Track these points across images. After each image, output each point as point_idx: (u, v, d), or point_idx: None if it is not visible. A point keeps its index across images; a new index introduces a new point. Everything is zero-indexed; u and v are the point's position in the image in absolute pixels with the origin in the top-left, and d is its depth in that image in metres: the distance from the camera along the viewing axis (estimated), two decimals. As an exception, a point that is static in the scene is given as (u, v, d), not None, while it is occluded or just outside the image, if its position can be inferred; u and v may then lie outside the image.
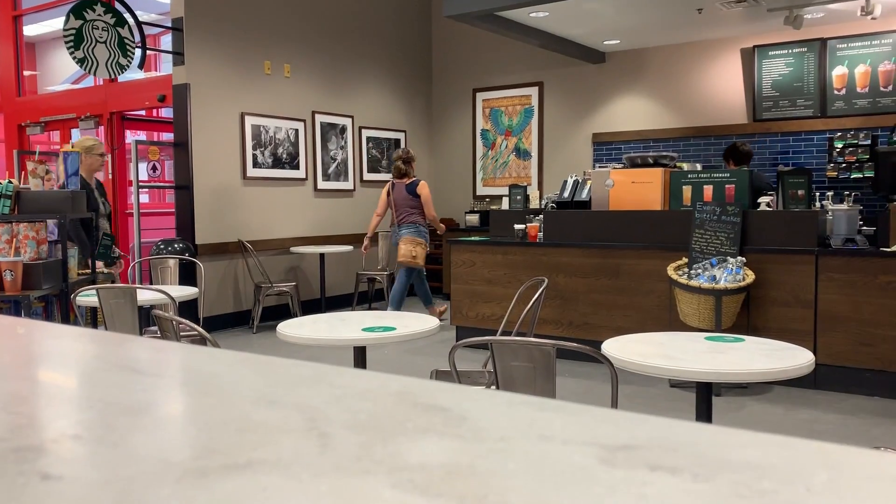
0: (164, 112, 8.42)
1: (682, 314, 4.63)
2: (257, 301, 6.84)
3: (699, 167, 5.92)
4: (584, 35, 7.30)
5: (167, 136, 8.24)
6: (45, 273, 4.75)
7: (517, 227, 5.77)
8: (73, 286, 4.84)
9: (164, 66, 8.48)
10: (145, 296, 3.92)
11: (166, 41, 7.60)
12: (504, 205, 8.03)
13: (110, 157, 7.87)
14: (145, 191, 7.91)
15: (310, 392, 0.74)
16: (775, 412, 4.16)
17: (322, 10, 7.77)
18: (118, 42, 6.07)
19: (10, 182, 4.85)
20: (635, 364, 2.41)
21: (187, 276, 5.79)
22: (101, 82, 8.07)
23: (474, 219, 8.35)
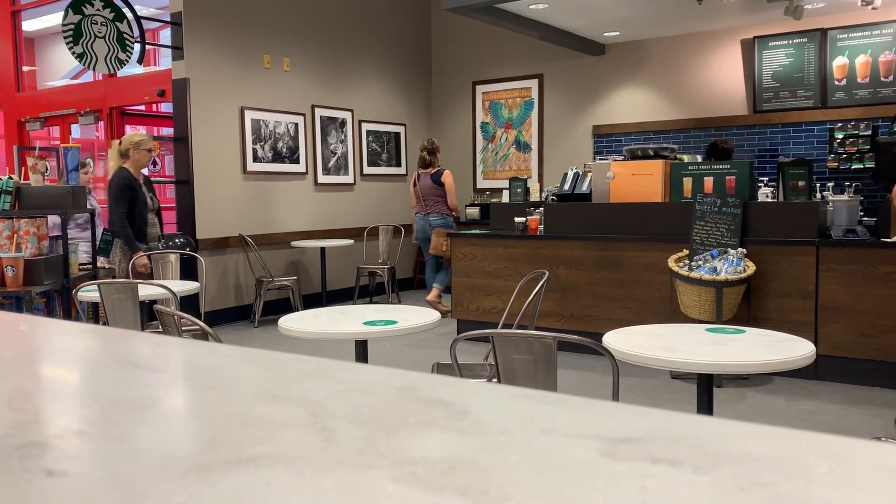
0: (163, 107, 8.42)
1: (683, 306, 4.63)
2: (258, 295, 6.85)
3: (700, 159, 5.91)
4: (584, 27, 7.28)
5: (167, 130, 8.24)
6: (46, 269, 4.75)
7: (518, 220, 5.77)
8: (75, 281, 4.84)
9: (164, 60, 8.47)
10: (147, 291, 3.92)
11: (165, 36, 7.59)
12: (504, 198, 8.05)
13: (109, 152, 7.87)
14: (145, 186, 7.89)
15: (312, 386, 0.74)
16: (776, 403, 4.17)
17: (321, 3, 7.75)
18: (117, 37, 6.06)
19: (11, 178, 4.85)
20: (636, 356, 2.41)
21: (188, 270, 5.79)
22: (100, 77, 8.06)
23: (475, 212, 8.34)
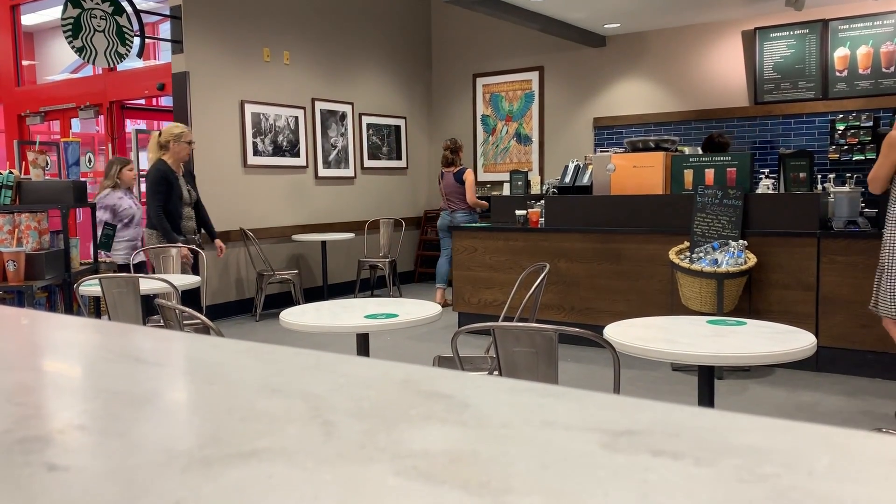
0: (163, 101, 8.40)
1: (684, 298, 4.63)
2: (260, 289, 6.85)
3: (700, 151, 5.91)
4: (584, 18, 7.26)
5: (167, 124, 8.22)
6: (47, 263, 4.76)
7: (518, 212, 5.76)
8: (76, 276, 4.84)
9: (163, 54, 8.46)
10: (148, 285, 3.92)
11: (165, 29, 7.57)
12: (505, 190, 8.03)
13: (110, 146, 7.86)
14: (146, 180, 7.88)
15: (313, 380, 0.74)
16: (777, 395, 4.17)
17: (320, -4, 7.73)
18: (116, 31, 6.04)
19: (11, 172, 4.85)
20: (637, 348, 2.41)
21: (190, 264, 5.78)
22: (100, 71, 8.04)
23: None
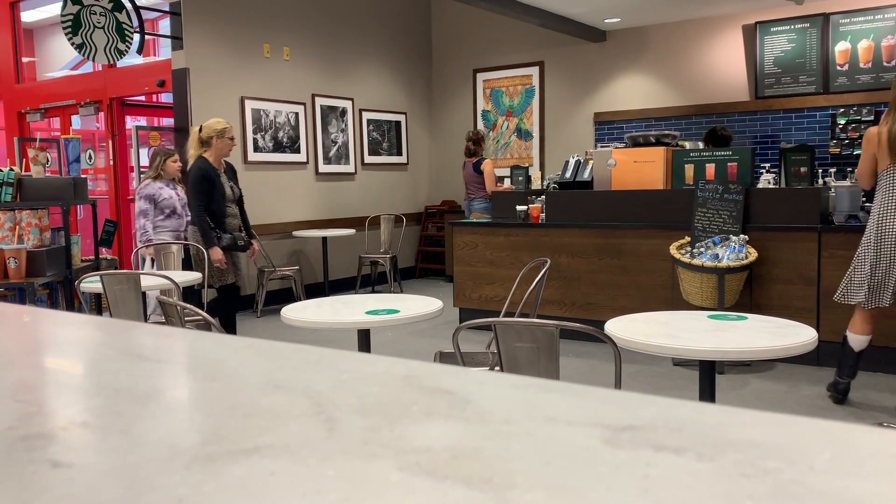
0: (163, 97, 8.39)
1: (685, 293, 4.63)
2: (261, 285, 6.86)
3: (701, 145, 5.90)
4: (585, 13, 7.24)
5: (167, 121, 8.22)
6: (48, 260, 4.76)
7: (519, 208, 5.76)
8: (77, 273, 4.85)
9: (163, 50, 8.44)
10: (149, 281, 3.92)
11: (164, 26, 7.56)
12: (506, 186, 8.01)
13: (110, 142, 7.86)
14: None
15: (316, 377, 0.74)
16: (778, 389, 4.17)
17: (320, -9, 7.71)
18: (116, 27, 6.03)
19: (12, 169, 4.85)
20: (638, 343, 2.41)
21: (190, 261, 5.78)
22: (99, 68, 8.03)
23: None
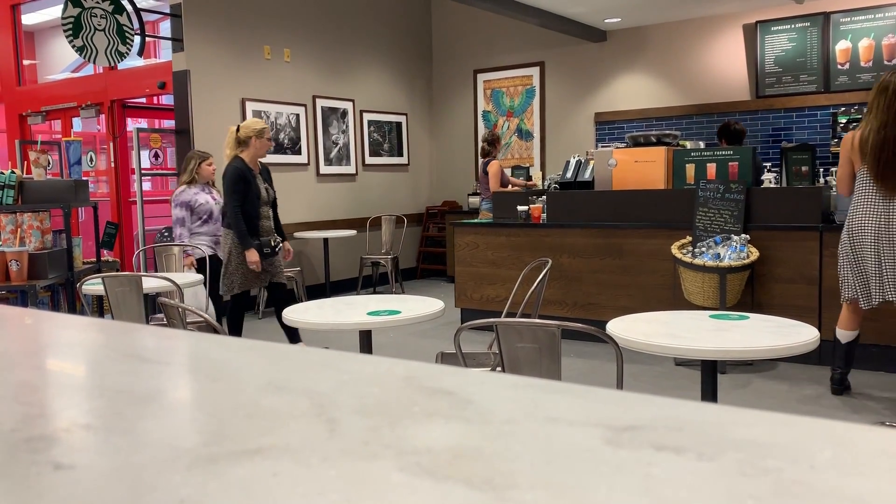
0: (164, 99, 8.39)
1: (687, 293, 4.63)
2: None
3: (702, 145, 5.89)
4: (585, 13, 7.24)
5: (168, 123, 8.22)
6: (50, 262, 4.76)
7: (520, 208, 5.76)
8: (79, 275, 4.85)
9: (164, 52, 8.45)
10: (151, 283, 3.93)
11: (165, 28, 7.56)
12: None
13: (111, 145, 7.87)
14: (148, 178, 7.90)
15: (317, 377, 0.74)
16: (780, 388, 4.17)
17: (320, -7, 7.72)
18: (117, 29, 6.04)
19: (14, 172, 4.86)
20: (640, 343, 2.41)
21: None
22: (100, 70, 8.04)
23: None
